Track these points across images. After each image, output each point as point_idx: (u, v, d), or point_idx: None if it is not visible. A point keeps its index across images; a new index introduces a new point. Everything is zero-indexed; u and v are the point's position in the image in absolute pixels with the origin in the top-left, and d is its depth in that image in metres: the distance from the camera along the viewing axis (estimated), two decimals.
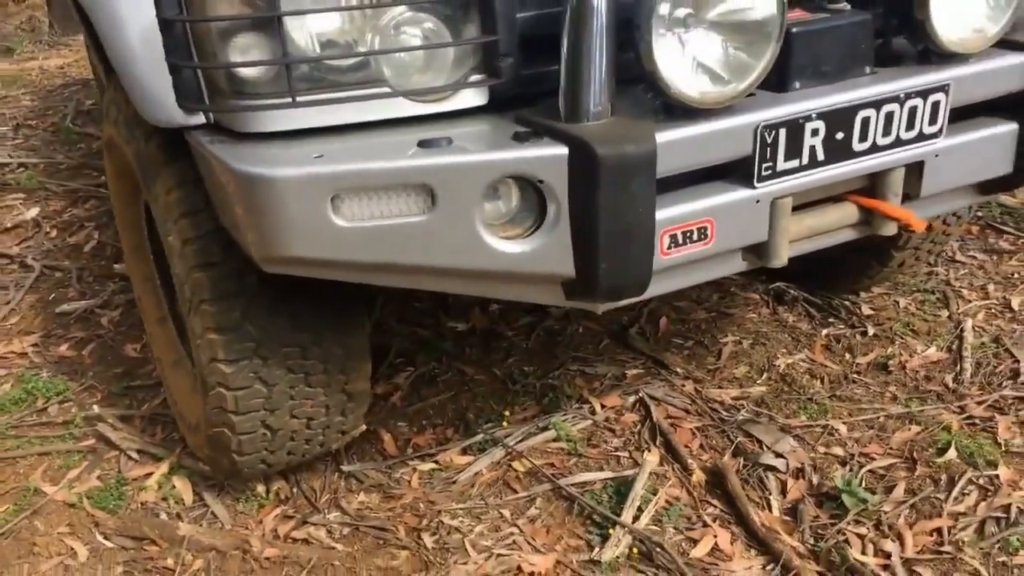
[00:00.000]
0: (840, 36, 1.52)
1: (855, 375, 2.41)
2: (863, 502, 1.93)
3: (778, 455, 2.13)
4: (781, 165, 1.47)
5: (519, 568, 1.86)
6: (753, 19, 1.37)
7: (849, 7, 1.57)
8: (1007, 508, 1.91)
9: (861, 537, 1.87)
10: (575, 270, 1.40)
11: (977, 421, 2.19)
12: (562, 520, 2.00)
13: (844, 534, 1.88)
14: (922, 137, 1.59)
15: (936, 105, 1.57)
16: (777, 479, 2.07)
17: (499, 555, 1.90)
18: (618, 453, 2.19)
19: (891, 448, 2.13)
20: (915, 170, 1.63)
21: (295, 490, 2.12)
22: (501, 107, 1.50)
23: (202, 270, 1.66)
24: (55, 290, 3.17)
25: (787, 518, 1.97)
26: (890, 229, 1.68)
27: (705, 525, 1.95)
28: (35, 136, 5.11)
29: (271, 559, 1.92)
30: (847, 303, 2.71)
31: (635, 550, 1.88)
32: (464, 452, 2.23)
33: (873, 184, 1.63)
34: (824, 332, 2.61)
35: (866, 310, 2.68)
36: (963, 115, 1.68)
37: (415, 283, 1.49)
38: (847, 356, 2.49)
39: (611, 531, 1.92)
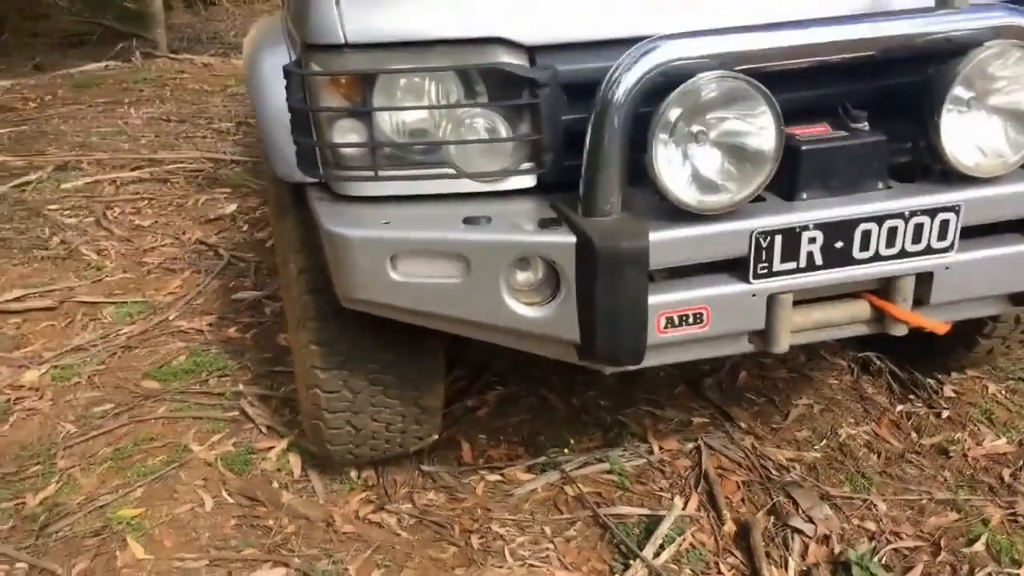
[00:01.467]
0: (851, 154, 1.69)
1: (913, 455, 2.48)
2: (869, 574, 2.05)
3: (809, 519, 2.27)
4: (777, 266, 1.66)
5: None
6: (752, 146, 1.59)
7: (867, 127, 1.72)
8: None
9: None
10: (580, 337, 1.67)
11: (1020, 519, 2.22)
12: (594, 545, 2.25)
13: None
14: (930, 251, 1.72)
15: (945, 223, 1.69)
16: (802, 542, 2.22)
17: (531, 566, 2.19)
18: (662, 493, 2.41)
19: (922, 531, 2.21)
20: (925, 279, 1.76)
21: (380, 480, 2.50)
22: (549, 188, 1.79)
23: (310, 295, 2.06)
24: (236, 278, 3.77)
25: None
26: (900, 330, 1.81)
27: (719, 572, 2.14)
28: (252, 134, 5.89)
29: (347, 534, 2.31)
30: (932, 381, 2.76)
31: None
32: (528, 470, 2.53)
33: (885, 287, 1.78)
34: (899, 408, 2.68)
35: (948, 391, 2.72)
36: (989, 230, 1.78)
37: (456, 330, 1.82)
38: (912, 435, 2.57)
39: (632, 562, 2.16)
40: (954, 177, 1.71)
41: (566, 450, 2.56)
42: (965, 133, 1.68)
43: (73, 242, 4.28)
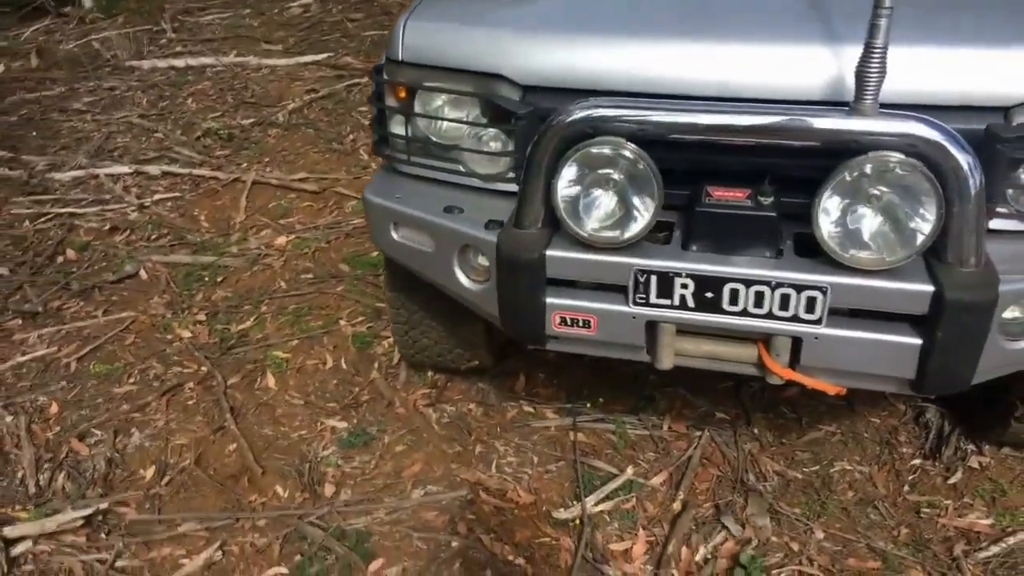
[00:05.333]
0: (740, 222, 1.96)
1: (887, 504, 2.61)
2: None
3: (744, 523, 2.57)
4: (653, 299, 2.02)
5: (505, 493, 2.72)
6: (638, 201, 1.95)
7: (769, 201, 1.97)
8: None
9: None
10: (499, 314, 2.20)
11: None
12: (562, 483, 2.76)
13: None
14: (798, 320, 1.95)
15: (813, 299, 1.92)
16: (724, 537, 2.53)
17: (504, 479, 2.77)
18: (641, 462, 2.83)
19: (833, 567, 2.42)
20: (798, 343, 2.00)
21: (445, 384, 3.20)
22: None
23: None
24: None
25: (700, 562, 2.47)
26: (774, 380, 2.07)
27: (637, 533, 2.56)
28: None
29: (398, 414, 3.06)
30: (972, 447, 2.78)
31: (578, 522, 2.60)
32: (556, 411, 3.06)
33: (767, 340, 2.05)
34: (914, 462, 2.77)
35: (974, 461, 2.73)
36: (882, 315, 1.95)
37: (435, 285, 2.40)
38: (904, 488, 2.67)
39: (574, 504, 2.65)
40: (835, 261, 1.91)
41: (589, 404, 3.04)
42: (844, 227, 1.87)
43: (360, 142, 5.38)
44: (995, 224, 2.00)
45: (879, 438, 2.87)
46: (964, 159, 1.79)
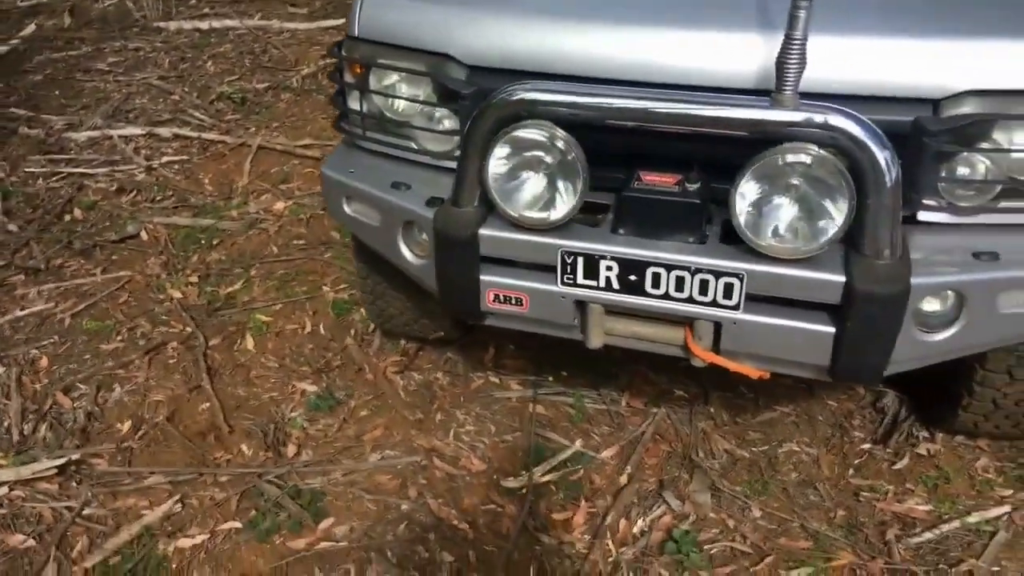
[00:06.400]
0: (665, 208, 2.00)
1: (828, 486, 2.66)
2: (683, 555, 2.42)
3: (684, 499, 2.63)
4: (580, 280, 2.07)
5: (459, 460, 2.81)
6: (561, 182, 2.01)
7: (695, 188, 2.01)
8: None
9: (646, 572, 2.40)
10: (438, 289, 2.27)
11: (856, 573, 2.38)
12: (515, 453, 2.85)
13: (644, 566, 2.43)
14: (716, 304, 1.99)
15: (730, 285, 1.96)
16: (664, 511, 2.60)
17: (459, 447, 2.86)
18: (594, 435, 2.90)
19: (765, 544, 2.47)
20: (718, 327, 2.04)
21: (417, 353, 3.29)
22: None
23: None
24: None
25: (637, 534, 2.54)
26: (697, 362, 2.12)
27: (579, 503, 2.63)
28: None
29: (367, 380, 3.16)
30: (925, 434, 2.80)
31: (524, 491, 2.69)
32: (520, 383, 3.14)
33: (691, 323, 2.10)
34: (864, 446, 2.80)
35: (924, 448, 2.76)
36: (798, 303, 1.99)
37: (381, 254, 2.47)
38: (848, 473, 2.71)
39: (522, 473, 2.74)
40: (754, 249, 1.94)
41: (551, 378, 3.11)
42: (760, 215, 1.90)
43: None
44: (924, 216, 2.02)
45: (833, 421, 2.90)
46: (880, 153, 1.80)
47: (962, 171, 1.98)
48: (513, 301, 2.17)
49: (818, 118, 1.82)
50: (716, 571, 2.40)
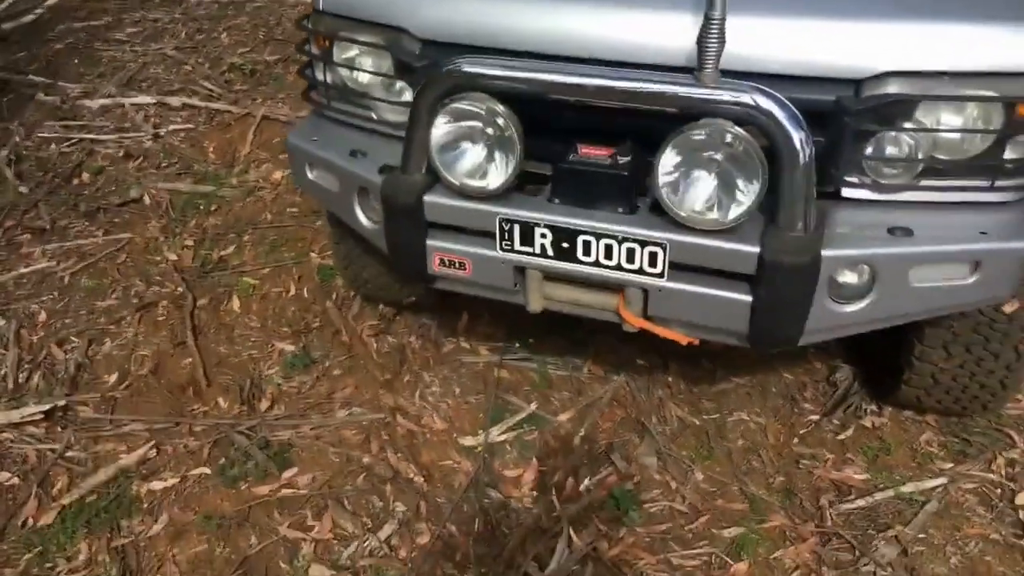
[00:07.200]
0: (595, 179, 2.10)
1: (771, 454, 2.76)
2: (622, 512, 2.54)
3: (630, 461, 2.75)
4: (517, 247, 2.18)
5: (421, 419, 2.95)
6: (498, 153, 2.11)
7: (625, 160, 2.11)
8: None
9: (585, 527, 2.52)
10: (388, 252, 2.40)
11: (787, 536, 2.48)
12: (477, 415, 2.97)
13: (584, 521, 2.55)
14: (643, 272, 2.09)
15: (654, 254, 2.06)
16: (610, 473, 2.72)
17: (423, 407, 3.00)
18: (555, 401, 3.02)
19: (702, 505, 2.58)
20: (646, 295, 2.15)
21: (393, 317, 3.43)
22: None
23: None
24: None
25: (582, 492, 2.66)
26: (629, 327, 2.23)
27: (531, 463, 2.76)
28: None
29: (343, 342, 3.30)
30: (874, 407, 2.88)
31: (480, 449, 2.82)
32: (489, 349, 3.26)
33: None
34: (811, 417, 2.89)
35: (869, 421, 2.84)
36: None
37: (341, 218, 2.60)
38: (792, 442, 2.81)
39: (480, 432, 2.87)
40: (676, 221, 2.04)
41: (518, 344, 3.23)
42: (681, 187, 2.00)
43: None
44: (848, 193, 2.10)
45: (786, 393, 2.99)
46: (795, 131, 1.89)
47: (891, 150, 2.05)
48: (457, 265, 2.29)
49: (734, 96, 1.90)
50: (652, 528, 2.52)
